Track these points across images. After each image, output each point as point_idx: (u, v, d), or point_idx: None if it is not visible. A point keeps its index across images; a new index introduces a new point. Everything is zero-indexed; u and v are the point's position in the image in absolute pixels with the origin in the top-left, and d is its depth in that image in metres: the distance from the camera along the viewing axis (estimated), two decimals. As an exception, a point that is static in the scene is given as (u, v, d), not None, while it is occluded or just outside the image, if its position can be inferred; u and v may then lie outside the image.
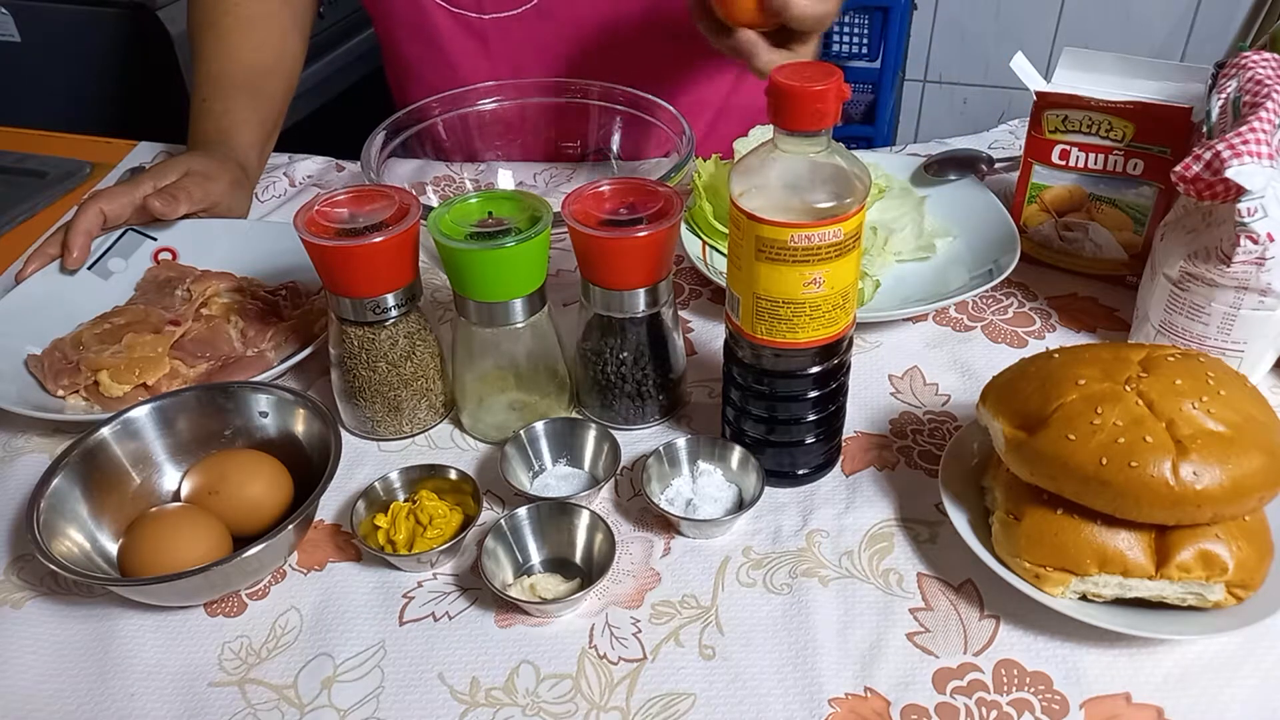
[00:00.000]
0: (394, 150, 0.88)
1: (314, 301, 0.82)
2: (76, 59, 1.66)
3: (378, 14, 1.06)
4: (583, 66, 1.02)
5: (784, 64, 0.55)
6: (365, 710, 0.55)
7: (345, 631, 0.59)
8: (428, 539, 0.62)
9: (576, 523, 0.62)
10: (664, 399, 0.72)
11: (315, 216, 0.66)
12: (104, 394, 0.73)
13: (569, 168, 0.99)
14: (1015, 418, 0.58)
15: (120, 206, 0.87)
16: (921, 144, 1.04)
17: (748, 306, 0.60)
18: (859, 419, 0.72)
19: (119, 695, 0.56)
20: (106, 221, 0.86)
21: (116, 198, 0.87)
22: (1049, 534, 0.55)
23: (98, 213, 0.85)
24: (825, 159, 0.56)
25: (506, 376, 0.70)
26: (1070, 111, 0.78)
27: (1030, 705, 0.54)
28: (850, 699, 0.54)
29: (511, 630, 0.59)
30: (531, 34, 1.01)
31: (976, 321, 0.81)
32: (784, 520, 0.65)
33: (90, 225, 0.85)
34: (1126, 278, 0.83)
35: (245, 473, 0.64)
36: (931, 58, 2.46)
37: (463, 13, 1.01)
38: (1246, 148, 0.62)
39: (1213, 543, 0.54)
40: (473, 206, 0.67)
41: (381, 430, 0.72)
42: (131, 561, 0.60)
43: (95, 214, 0.85)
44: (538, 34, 1.01)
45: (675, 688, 0.55)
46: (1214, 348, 0.68)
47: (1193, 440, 0.53)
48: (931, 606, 0.59)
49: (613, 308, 0.67)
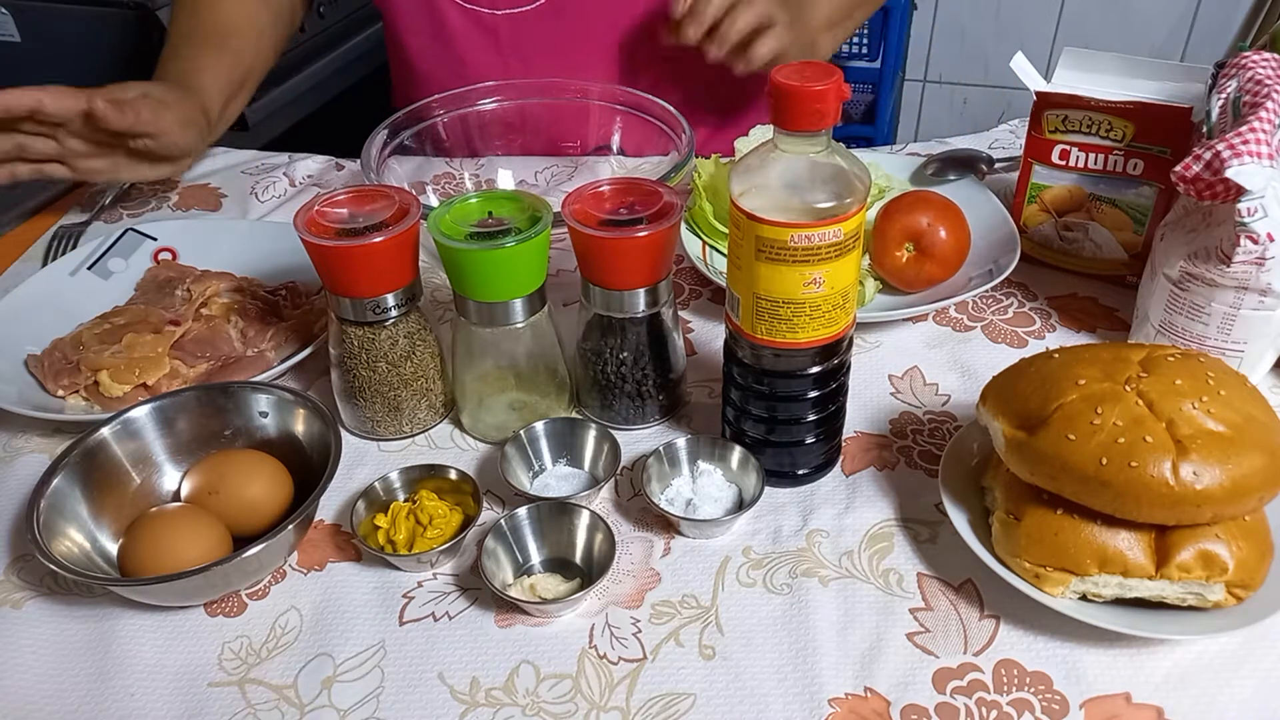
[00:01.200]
0: (394, 150, 0.88)
1: (314, 301, 0.82)
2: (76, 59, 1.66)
3: (389, 13, 1.06)
4: (593, 63, 1.02)
5: (784, 64, 0.55)
6: (365, 710, 0.55)
7: (345, 631, 0.59)
8: (428, 539, 0.62)
9: (576, 523, 0.62)
10: (664, 399, 0.72)
11: (315, 216, 0.66)
12: (104, 394, 0.73)
13: (570, 165, 0.99)
14: (1015, 418, 0.58)
15: (63, 105, 0.84)
16: (921, 144, 1.04)
17: (748, 306, 0.60)
18: (859, 419, 0.72)
19: (119, 695, 0.56)
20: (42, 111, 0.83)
21: (62, 95, 0.84)
22: (1049, 534, 0.55)
23: (35, 99, 0.83)
24: (825, 159, 0.56)
25: (506, 376, 0.70)
26: (1070, 111, 0.78)
27: (1030, 705, 0.54)
28: (850, 699, 0.54)
29: (511, 630, 0.59)
30: (543, 30, 1.01)
31: (976, 321, 0.81)
32: (784, 520, 0.65)
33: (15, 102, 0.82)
34: (1126, 278, 0.83)
35: (245, 473, 0.64)
36: (931, 58, 2.46)
37: (475, 8, 1.01)
38: (1246, 148, 0.62)
39: (1213, 543, 0.54)
40: (473, 206, 0.67)
41: (381, 430, 0.72)
42: (131, 561, 0.60)
43: (31, 98, 0.82)
44: (549, 30, 1.01)
45: (675, 688, 0.55)
46: (1214, 348, 0.68)
47: (1193, 440, 0.53)
48: (931, 606, 0.59)
49: (613, 308, 0.67)
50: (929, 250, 0.78)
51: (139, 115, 0.86)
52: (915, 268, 0.79)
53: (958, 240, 0.79)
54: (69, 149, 0.88)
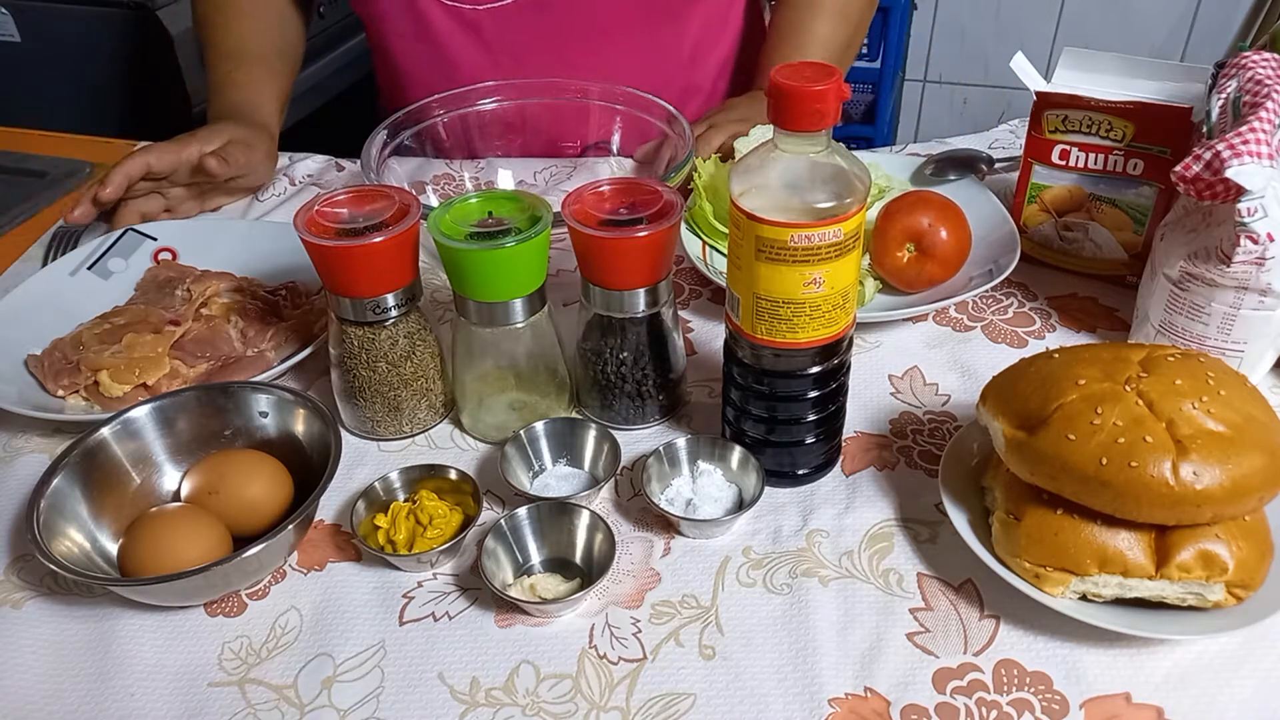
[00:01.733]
0: (394, 150, 0.88)
1: (314, 301, 0.82)
2: (76, 59, 1.66)
3: (371, 17, 1.07)
4: (582, 53, 1.03)
5: (784, 64, 0.55)
6: (365, 710, 0.55)
7: (345, 631, 0.59)
8: (428, 539, 0.62)
9: (576, 523, 0.62)
10: (664, 399, 0.72)
11: (315, 216, 0.66)
12: (104, 394, 0.73)
13: (569, 165, 0.99)
14: (1015, 418, 0.58)
15: (168, 162, 0.91)
16: (921, 144, 1.04)
17: (748, 306, 0.60)
18: (859, 419, 0.72)
19: (119, 695, 0.56)
20: (151, 172, 0.90)
21: (165, 152, 0.91)
22: (1049, 534, 0.55)
23: (144, 163, 0.90)
24: (825, 159, 0.56)
25: (506, 376, 0.70)
26: (1070, 111, 0.78)
27: (1030, 705, 0.54)
28: (850, 699, 0.54)
29: (511, 630, 0.59)
30: (527, 24, 1.02)
31: (976, 321, 0.81)
32: (784, 520, 0.65)
33: (134, 171, 0.89)
34: (1126, 278, 0.83)
35: (245, 473, 0.64)
36: (931, 58, 2.46)
37: (456, 5, 1.01)
38: (1246, 148, 0.62)
39: (1213, 543, 0.54)
40: (473, 206, 0.67)
41: (381, 430, 0.72)
42: (131, 561, 0.60)
43: (141, 163, 0.90)
44: (534, 24, 1.01)
45: (675, 688, 0.55)
46: (1214, 348, 0.68)
47: (1193, 440, 0.53)
48: (931, 606, 0.59)
49: (613, 308, 0.67)
50: (929, 250, 0.78)
51: (236, 161, 0.94)
52: (916, 268, 0.79)
53: (958, 240, 0.79)
54: (172, 198, 0.96)
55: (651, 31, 1.04)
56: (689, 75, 1.09)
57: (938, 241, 0.78)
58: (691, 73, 1.10)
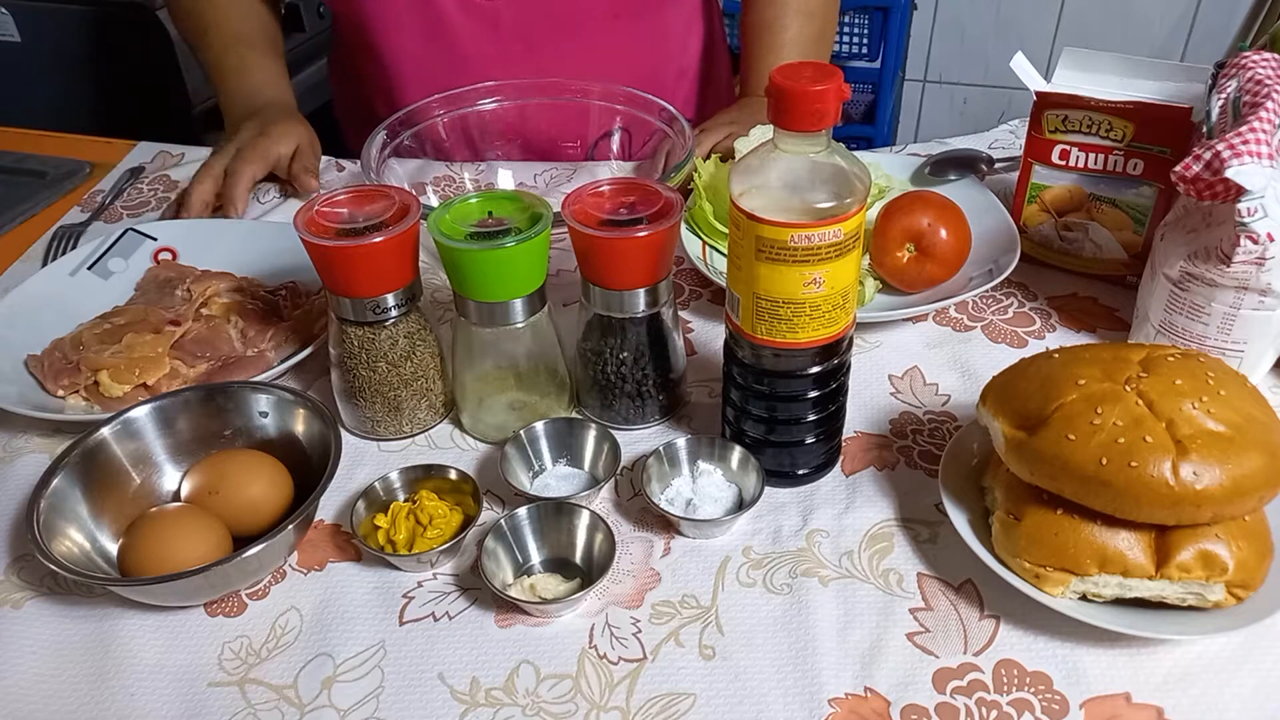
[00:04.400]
0: (394, 151, 0.88)
1: (314, 301, 0.82)
2: (76, 59, 1.66)
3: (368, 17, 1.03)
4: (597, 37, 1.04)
5: (784, 64, 0.55)
6: (365, 710, 0.55)
7: (345, 631, 0.59)
8: (428, 539, 0.62)
9: (576, 523, 0.62)
10: (664, 399, 0.72)
11: (315, 216, 0.66)
12: (104, 394, 0.73)
13: (569, 167, 0.99)
14: (1015, 418, 0.58)
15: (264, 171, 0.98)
16: (921, 144, 1.04)
17: (748, 306, 0.60)
18: (859, 419, 0.72)
19: (119, 695, 0.56)
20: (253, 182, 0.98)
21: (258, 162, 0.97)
22: (1049, 534, 0.55)
23: (251, 176, 0.96)
24: (825, 159, 0.56)
25: (506, 376, 0.70)
26: (1070, 111, 0.78)
27: (1030, 705, 0.54)
28: (850, 699, 0.54)
29: (511, 630, 0.59)
30: (541, 8, 1.01)
31: (976, 321, 0.81)
32: (784, 520, 0.65)
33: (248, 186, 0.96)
34: (1126, 278, 0.83)
35: (245, 473, 0.64)
36: (931, 58, 2.46)
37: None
38: (1246, 148, 0.62)
39: (1213, 543, 0.54)
40: (473, 206, 0.67)
41: (381, 430, 0.72)
42: (131, 561, 0.60)
43: (249, 177, 0.96)
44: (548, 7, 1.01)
45: (675, 688, 0.55)
46: (1214, 348, 0.68)
47: (1193, 440, 0.53)
48: (931, 606, 0.59)
49: (613, 308, 0.67)
50: (929, 250, 0.78)
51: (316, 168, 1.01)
52: (916, 268, 0.79)
53: (958, 240, 0.79)
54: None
55: (662, 11, 1.08)
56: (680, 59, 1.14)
57: (938, 241, 0.78)
58: (682, 57, 1.15)
